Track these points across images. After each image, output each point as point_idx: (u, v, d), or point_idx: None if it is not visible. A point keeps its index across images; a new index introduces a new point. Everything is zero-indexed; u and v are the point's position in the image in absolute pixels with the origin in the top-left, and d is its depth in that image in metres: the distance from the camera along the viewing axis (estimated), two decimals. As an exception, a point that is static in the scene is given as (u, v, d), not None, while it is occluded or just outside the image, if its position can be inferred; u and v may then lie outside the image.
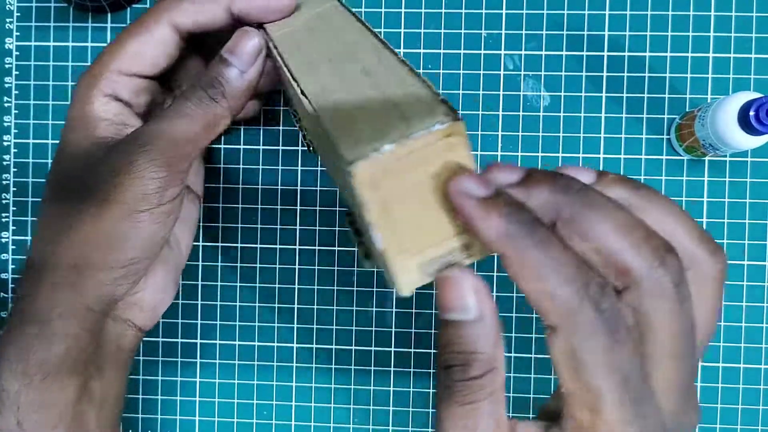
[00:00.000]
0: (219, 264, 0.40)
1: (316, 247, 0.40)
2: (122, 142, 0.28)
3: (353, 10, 0.29)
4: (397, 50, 0.26)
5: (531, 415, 0.36)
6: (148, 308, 0.31)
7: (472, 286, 0.21)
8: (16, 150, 0.41)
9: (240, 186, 0.40)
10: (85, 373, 0.28)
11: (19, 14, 0.41)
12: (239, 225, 0.40)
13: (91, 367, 0.29)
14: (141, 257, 0.28)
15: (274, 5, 0.29)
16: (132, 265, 0.28)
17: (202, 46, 0.33)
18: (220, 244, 0.40)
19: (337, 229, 0.40)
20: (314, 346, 0.40)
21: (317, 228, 0.40)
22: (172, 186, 0.27)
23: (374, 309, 0.40)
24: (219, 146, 0.40)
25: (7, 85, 0.41)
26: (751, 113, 0.32)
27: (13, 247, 0.41)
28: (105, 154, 0.28)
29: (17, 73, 0.41)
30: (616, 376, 0.19)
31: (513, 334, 0.39)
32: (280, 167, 0.40)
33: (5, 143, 0.41)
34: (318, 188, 0.40)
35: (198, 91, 0.28)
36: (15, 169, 0.41)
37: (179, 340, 0.41)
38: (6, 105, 0.41)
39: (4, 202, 0.41)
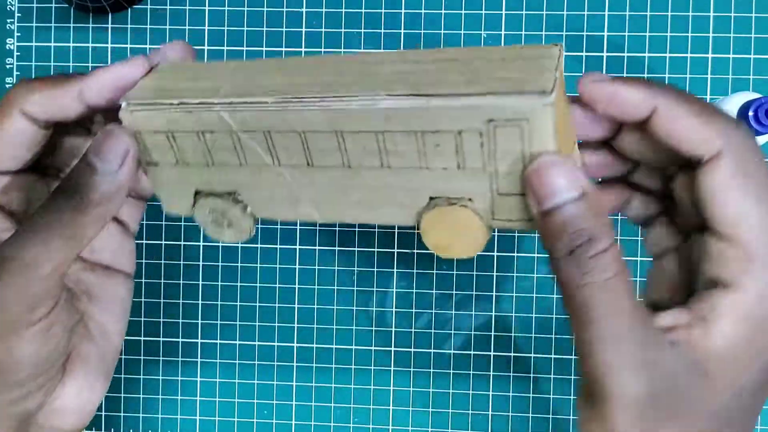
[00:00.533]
0: (219, 264, 0.40)
1: (317, 247, 0.40)
2: None
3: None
4: (397, 50, 0.26)
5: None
6: (74, 411, 0.28)
7: (564, 166, 0.21)
8: (17, 150, 0.41)
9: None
10: None
11: (20, 15, 0.41)
12: (240, 225, 0.40)
13: None
14: (36, 373, 0.25)
15: (126, 83, 0.25)
16: (30, 381, 0.25)
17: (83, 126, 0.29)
18: (220, 244, 0.40)
19: (337, 229, 0.40)
20: (314, 345, 0.40)
21: (317, 228, 0.40)
22: (40, 306, 0.24)
23: (374, 309, 0.40)
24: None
25: (8, 86, 0.41)
26: (751, 114, 0.32)
27: (14, 247, 0.41)
28: None
29: (18, 73, 0.41)
30: None
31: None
32: (280, 167, 0.40)
33: (6, 143, 0.41)
34: (318, 188, 0.40)
35: (58, 201, 0.24)
36: (16, 170, 0.41)
37: (180, 339, 0.41)
38: (7, 105, 0.41)
39: (5, 202, 0.41)
